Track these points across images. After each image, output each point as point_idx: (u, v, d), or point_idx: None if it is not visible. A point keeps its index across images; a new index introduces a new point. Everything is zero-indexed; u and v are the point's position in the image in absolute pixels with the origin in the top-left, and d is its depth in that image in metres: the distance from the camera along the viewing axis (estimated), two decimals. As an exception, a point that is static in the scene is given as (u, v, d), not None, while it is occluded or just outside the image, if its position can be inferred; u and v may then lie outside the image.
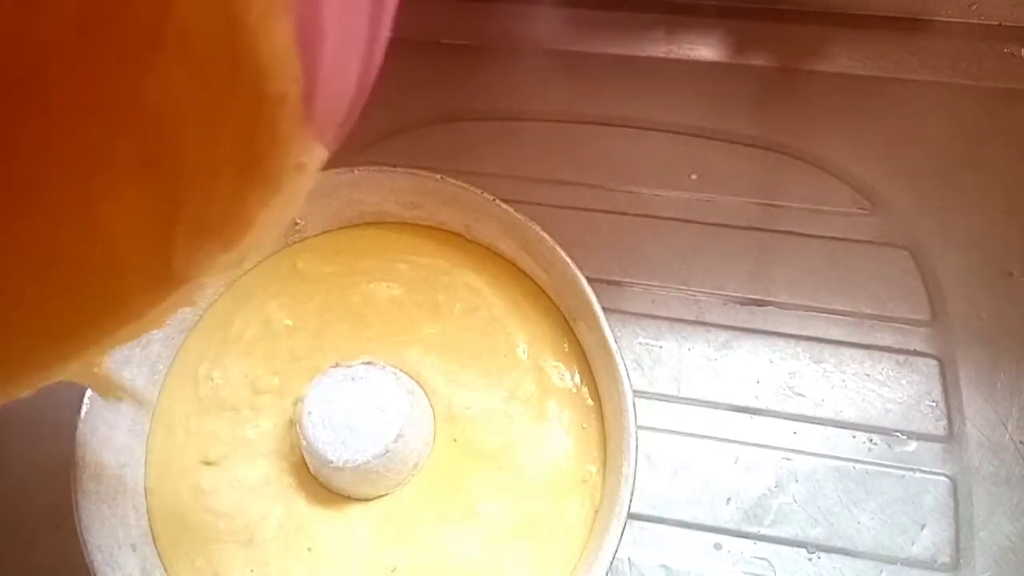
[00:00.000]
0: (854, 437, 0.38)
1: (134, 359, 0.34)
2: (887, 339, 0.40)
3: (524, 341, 0.35)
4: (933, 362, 0.40)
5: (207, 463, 0.34)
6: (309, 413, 0.32)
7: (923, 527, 0.36)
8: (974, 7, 0.46)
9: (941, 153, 0.44)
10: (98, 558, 0.30)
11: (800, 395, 0.39)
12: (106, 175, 0.17)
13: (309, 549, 0.32)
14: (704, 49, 0.48)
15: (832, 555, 0.36)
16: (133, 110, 0.16)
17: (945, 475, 0.37)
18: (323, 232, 0.39)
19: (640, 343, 0.40)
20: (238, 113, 0.16)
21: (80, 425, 0.31)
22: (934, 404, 0.39)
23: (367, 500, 0.33)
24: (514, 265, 0.37)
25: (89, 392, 0.32)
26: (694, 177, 0.44)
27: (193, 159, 0.17)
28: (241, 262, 0.18)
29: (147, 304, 0.18)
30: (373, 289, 0.36)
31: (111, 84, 0.16)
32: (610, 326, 0.32)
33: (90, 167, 0.17)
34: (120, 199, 0.17)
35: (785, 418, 0.39)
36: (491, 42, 0.49)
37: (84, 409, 0.32)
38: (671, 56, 0.48)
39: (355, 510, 0.33)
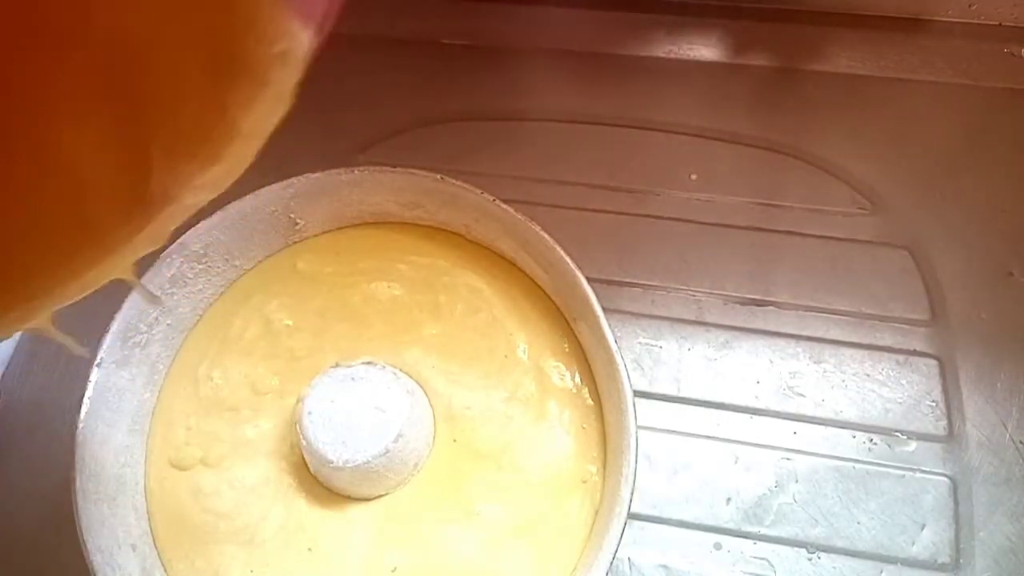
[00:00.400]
0: (854, 437, 0.38)
1: (134, 359, 0.34)
2: (887, 339, 0.40)
3: (524, 341, 0.35)
4: (933, 362, 0.40)
5: (207, 463, 0.34)
6: (309, 413, 0.32)
7: (923, 527, 0.36)
8: (974, 7, 0.46)
9: (941, 153, 0.44)
10: (98, 558, 0.30)
11: (800, 395, 0.39)
12: (63, 99, 0.15)
13: (309, 549, 0.32)
14: (704, 49, 0.48)
15: (832, 555, 0.36)
16: (87, 19, 0.15)
17: (945, 475, 0.37)
18: (323, 232, 0.39)
19: (640, 343, 0.40)
20: (208, 8, 0.15)
21: (80, 425, 0.31)
22: (934, 404, 0.39)
23: (367, 500, 0.33)
24: (514, 265, 0.37)
25: (89, 392, 0.32)
26: (694, 177, 0.44)
27: (160, 69, 0.15)
28: (228, 179, 0.17)
29: (124, 236, 0.17)
30: (374, 289, 0.36)
31: None
32: (610, 326, 0.32)
33: (44, 92, 0.15)
34: (81, 125, 0.16)
35: (785, 418, 0.39)
36: (491, 42, 0.49)
37: (84, 409, 0.32)
38: (671, 56, 0.48)
39: (355, 510, 0.33)
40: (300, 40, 0.16)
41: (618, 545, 0.29)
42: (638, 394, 0.32)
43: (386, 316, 0.36)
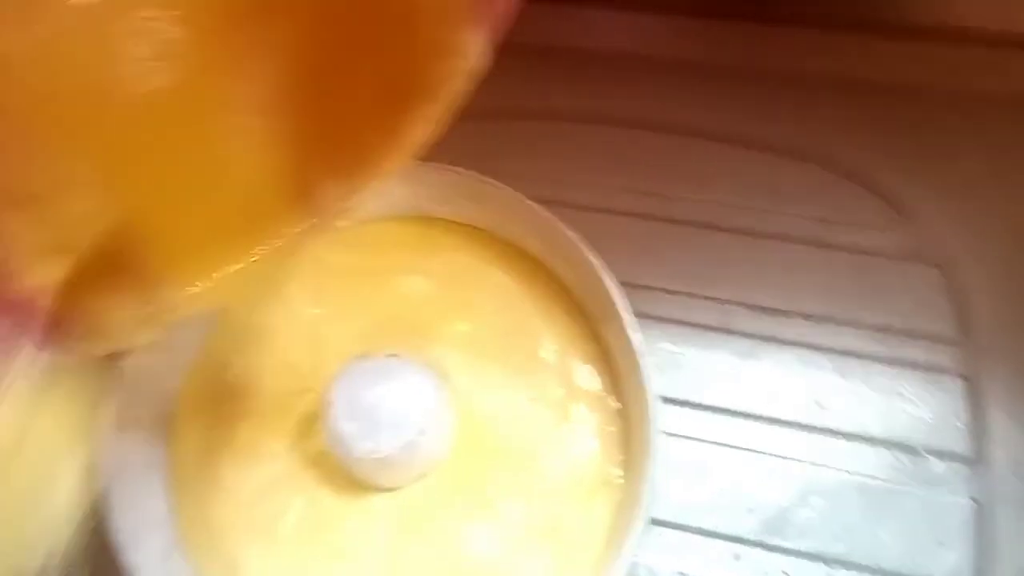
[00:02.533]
0: (878, 453, 0.38)
1: (161, 344, 0.34)
2: (914, 356, 0.40)
3: (551, 342, 0.35)
4: (961, 381, 0.39)
5: (228, 452, 0.34)
6: (333, 404, 0.32)
7: (945, 548, 0.36)
8: (1015, 19, 0.46)
9: (977, 169, 0.44)
10: (122, 536, 0.30)
11: (824, 408, 0.39)
12: (240, 104, 0.17)
13: (329, 539, 0.32)
14: (739, 55, 0.48)
15: (851, 571, 0.35)
16: (272, 39, 0.16)
17: (970, 497, 0.37)
18: (350, 225, 0.39)
19: (664, 348, 0.40)
20: (392, 33, 0.16)
21: (109, 404, 0.32)
22: (960, 424, 0.38)
23: (388, 491, 0.33)
24: (542, 265, 0.37)
25: (118, 375, 0.32)
26: (725, 183, 0.44)
27: (338, 89, 0.17)
28: (378, 186, 0.18)
29: (285, 228, 0.19)
30: (403, 282, 0.36)
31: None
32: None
33: (224, 96, 0.17)
34: (250, 133, 0.17)
35: (808, 430, 0.38)
36: (527, 41, 0.49)
37: (113, 393, 0.32)
38: (709, 61, 0.48)
39: (376, 501, 0.33)
40: (479, 56, 0.17)
41: (638, 549, 0.29)
42: (660, 399, 0.32)
43: (415, 310, 0.36)
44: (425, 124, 0.17)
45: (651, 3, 0.49)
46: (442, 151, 0.45)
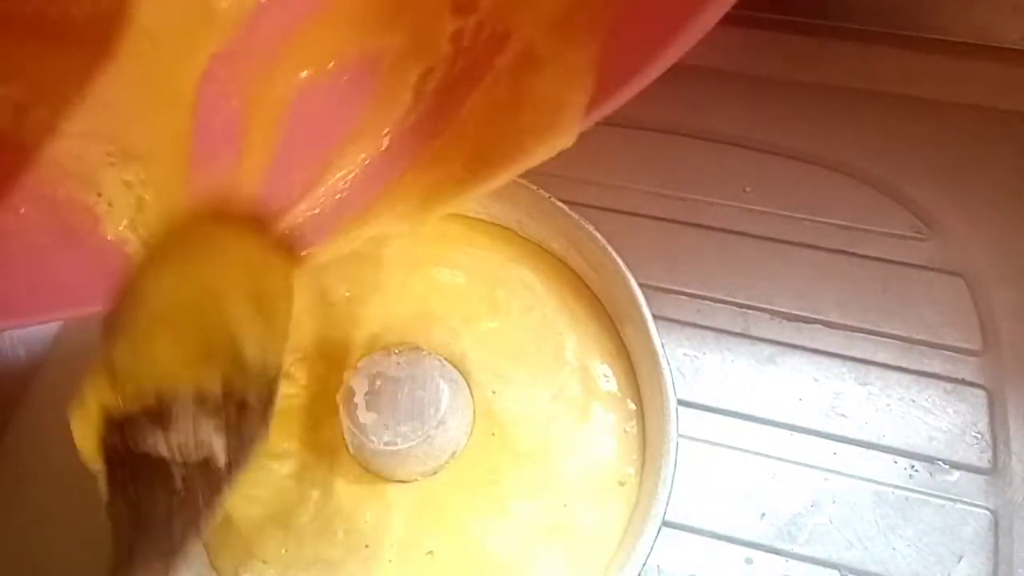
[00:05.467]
0: (895, 462, 0.38)
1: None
2: (935, 366, 0.40)
3: (572, 342, 0.35)
4: (981, 393, 0.39)
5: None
6: (353, 394, 0.32)
7: (960, 559, 0.36)
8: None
9: (1004, 182, 0.43)
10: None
11: (843, 416, 0.39)
12: None
13: (346, 530, 0.33)
14: (769, 64, 0.48)
15: (864, 580, 0.36)
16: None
17: (987, 508, 0.37)
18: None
19: (683, 352, 0.40)
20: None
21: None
22: (979, 435, 0.38)
23: (403, 483, 0.33)
24: (566, 265, 0.37)
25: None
26: (748, 190, 0.44)
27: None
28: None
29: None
30: (427, 277, 0.37)
31: None
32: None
33: None
34: None
35: (826, 438, 0.38)
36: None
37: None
38: (735, 69, 0.48)
39: (392, 492, 0.33)
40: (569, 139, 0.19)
41: (652, 548, 0.29)
42: (678, 402, 0.32)
43: (439, 305, 0.36)
44: (502, 177, 0.20)
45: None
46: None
